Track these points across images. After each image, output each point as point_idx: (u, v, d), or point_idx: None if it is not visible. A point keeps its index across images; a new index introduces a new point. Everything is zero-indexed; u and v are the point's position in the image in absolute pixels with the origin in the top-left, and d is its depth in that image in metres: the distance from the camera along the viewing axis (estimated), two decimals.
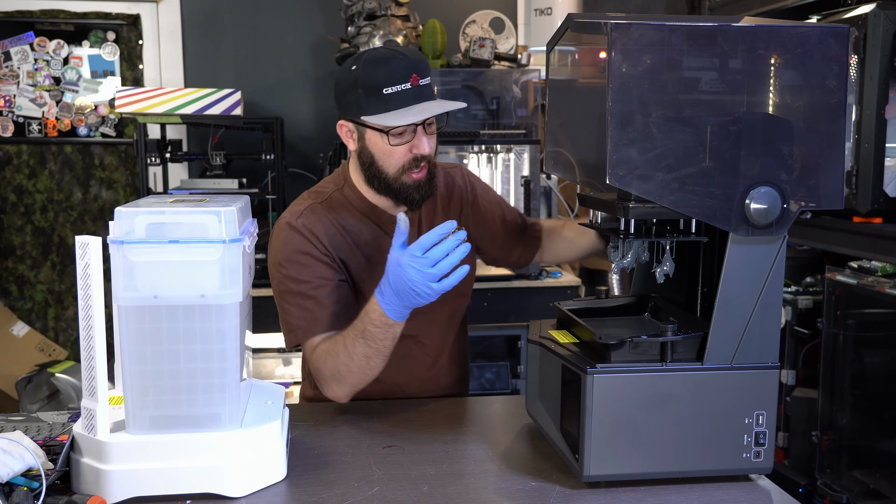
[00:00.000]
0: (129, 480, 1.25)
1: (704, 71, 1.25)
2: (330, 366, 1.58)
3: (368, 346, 1.53)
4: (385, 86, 1.56)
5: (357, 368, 1.56)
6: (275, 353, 3.71)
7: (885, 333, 2.74)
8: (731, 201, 1.25)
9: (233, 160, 3.64)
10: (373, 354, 1.54)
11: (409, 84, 1.57)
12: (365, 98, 1.57)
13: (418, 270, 1.42)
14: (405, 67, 1.57)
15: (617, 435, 1.29)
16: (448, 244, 1.41)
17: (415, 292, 1.43)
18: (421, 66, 1.60)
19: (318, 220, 1.68)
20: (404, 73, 1.56)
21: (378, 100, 1.57)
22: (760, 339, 1.31)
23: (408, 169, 1.63)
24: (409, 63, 1.58)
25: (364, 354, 1.54)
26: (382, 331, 1.51)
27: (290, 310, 1.67)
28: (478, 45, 3.55)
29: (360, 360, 1.55)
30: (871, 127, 2.36)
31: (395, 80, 1.56)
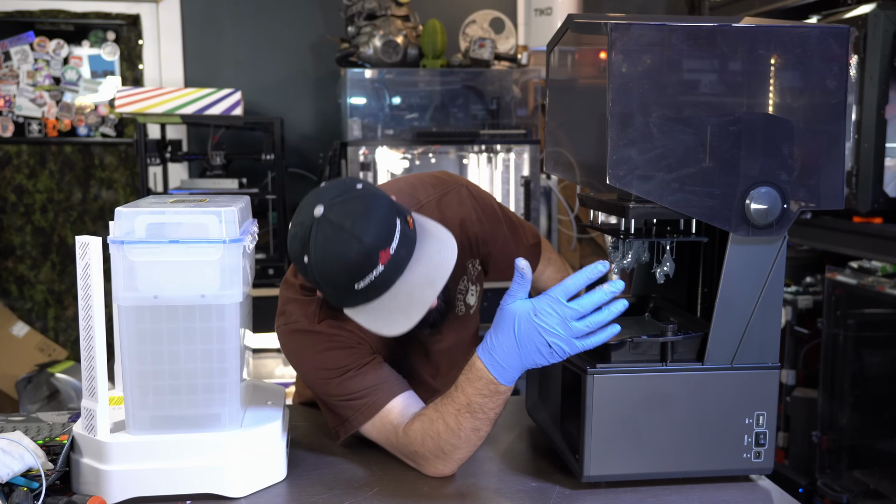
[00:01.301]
0: (129, 480, 1.25)
1: (704, 71, 1.25)
2: (430, 446, 1.35)
3: (476, 419, 1.30)
4: (353, 282, 1.24)
5: (465, 443, 1.33)
6: (275, 353, 3.71)
7: (885, 333, 2.74)
8: (731, 201, 1.24)
9: (233, 160, 3.64)
10: (482, 426, 1.32)
11: (381, 267, 1.23)
12: (337, 294, 1.29)
13: (562, 320, 1.20)
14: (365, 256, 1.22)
15: (617, 435, 1.29)
16: (601, 295, 1.20)
17: (548, 348, 1.21)
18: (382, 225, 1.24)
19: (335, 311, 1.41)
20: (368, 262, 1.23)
21: (354, 294, 1.26)
22: (760, 340, 1.31)
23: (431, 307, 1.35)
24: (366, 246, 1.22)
25: (472, 428, 1.31)
26: (491, 399, 1.28)
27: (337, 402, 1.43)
28: (478, 45, 3.55)
29: (468, 434, 1.32)
30: (871, 127, 2.36)
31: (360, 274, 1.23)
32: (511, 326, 1.23)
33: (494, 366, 1.25)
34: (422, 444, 1.35)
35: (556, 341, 1.20)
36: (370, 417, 1.41)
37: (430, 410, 1.36)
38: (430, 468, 1.38)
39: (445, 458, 1.35)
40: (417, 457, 1.38)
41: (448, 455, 1.35)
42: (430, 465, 1.37)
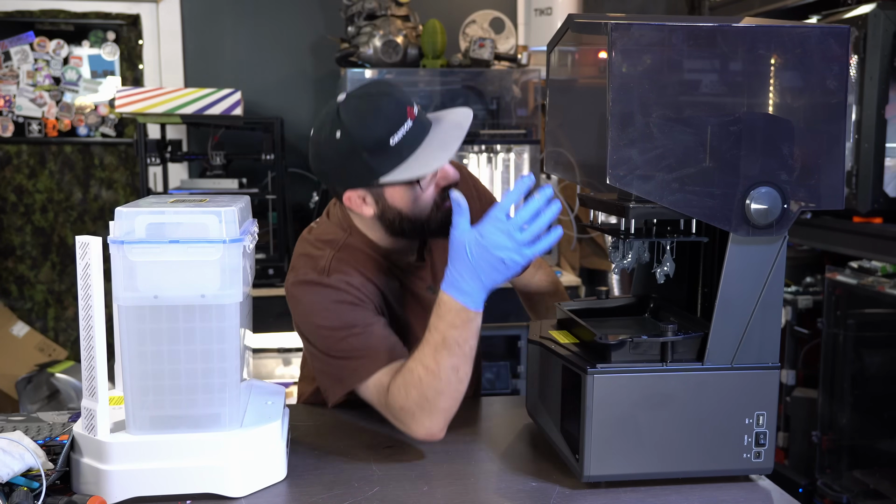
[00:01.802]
0: (129, 480, 1.25)
1: (705, 71, 1.25)
2: (415, 396, 1.36)
3: (453, 355, 1.34)
4: (388, 135, 1.37)
5: (446, 387, 1.35)
6: (275, 353, 3.71)
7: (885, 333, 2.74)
8: (731, 201, 1.24)
9: (233, 160, 3.64)
10: (460, 363, 1.35)
11: (409, 122, 1.38)
12: (373, 160, 1.38)
13: (507, 234, 1.27)
14: (396, 106, 1.38)
15: (617, 435, 1.29)
16: (535, 203, 1.28)
17: (502, 263, 1.28)
18: (403, 94, 1.42)
19: (349, 270, 1.48)
20: (399, 113, 1.38)
21: (389, 155, 1.38)
22: (761, 339, 1.31)
23: (440, 204, 1.47)
24: (395, 100, 1.39)
25: (451, 367, 1.34)
26: (464, 329, 1.33)
27: (336, 361, 1.45)
28: (478, 45, 3.55)
29: (448, 374, 1.34)
30: (871, 127, 2.36)
31: (394, 125, 1.37)
32: (464, 253, 1.30)
33: (459, 294, 1.32)
34: (406, 397, 1.37)
35: (508, 254, 1.28)
36: (365, 378, 1.42)
37: (410, 361, 1.39)
38: (417, 426, 1.38)
39: (431, 408, 1.36)
40: (405, 414, 1.38)
41: (432, 404, 1.35)
42: (418, 423, 1.37)
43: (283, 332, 3.52)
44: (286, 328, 3.45)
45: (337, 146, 1.39)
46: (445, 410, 1.37)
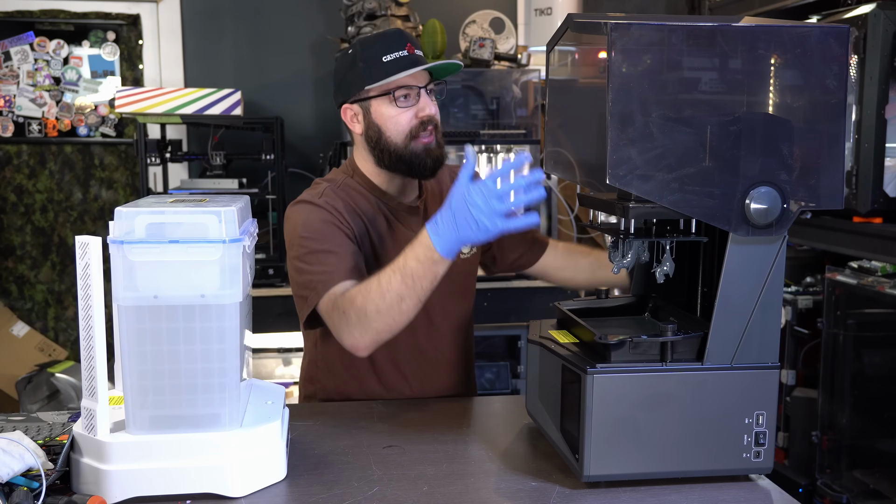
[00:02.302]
0: (129, 480, 1.25)
1: (704, 71, 1.25)
2: (358, 305, 1.47)
3: (405, 284, 1.43)
4: (383, 54, 1.62)
5: (386, 309, 1.45)
6: (275, 353, 3.71)
7: (885, 333, 2.74)
8: (731, 201, 1.24)
9: (233, 160, 3.64)
10: (407, 295, 1.44)
11: (405, 51, 1.63)
12: (366, 69, 1.63)
13: (486, 200, 1.35)
14: (399, 37, 1.65)
15: (617, 435, 1.29)
16: (519, 180, 1.35)
17: (475, 223, 1.36)
18: (414, 39, 1.67)
19: (339, 199, 1.68)
20: (399, 42, 1.64)
21: (379, 68, 1.62)
22: (760, 339, 1.31)
23: (416, 134, 1.65)
24: (403, 35, 1.66)
25: (398, 294, 1.43)
26: (425, 267, 1.42)
27: (307, 269, 1.60)
28: (478, 45, 3.55)
29: (393, 299, 1.44)
30: (871, 127, 2.36)
31: (391, 48, 1.62)
32: (450, 203, 1.40)
33: (434, 233, 1.41)
34: (351, 304, 1.48)
35: (481, 217, 1.36)
36: (330, 287, 1.55)
37: (370, 277, 1.51)
38: (348, 335, 1.50)
39: (365, 324, 1.47)
40: (343, 319, 1.49)
41: (368, 320, 1.46)
42: (349, 332, 1.49)
43: (283, 332, 3.52)
44: (286, 328, 3.45)
45: (343, 59, 1.68)
46: (377, 332, 1.48)
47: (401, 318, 1.47)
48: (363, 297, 1.48)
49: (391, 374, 1.78)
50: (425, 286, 1.45)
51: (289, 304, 3.53)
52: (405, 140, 1.66)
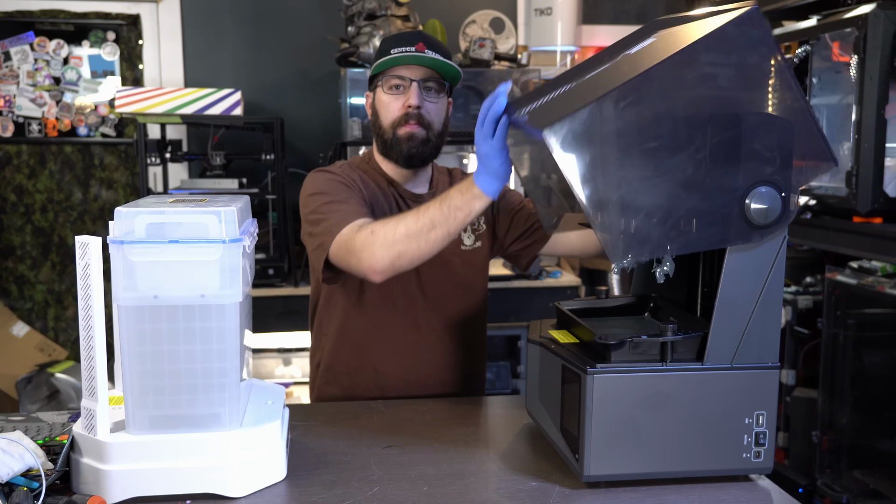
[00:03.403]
0: (129, 480, 1.25)
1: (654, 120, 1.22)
2: (389, 226, 1.53)
3: (440, 211, 1.49)
4: (395, 47, 1.75)
5: (416, 233, 1.50)
6: (275, 353, 3.72)
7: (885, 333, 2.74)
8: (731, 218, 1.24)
9: (233, 160, 3.64)
10: (440, 223, 1.49)
11: (413, 48, 1.73)
12: (377, 58, 1.77)
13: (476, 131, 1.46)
14: (414, 36, 1.76)
15: (617, 435, 1.29)
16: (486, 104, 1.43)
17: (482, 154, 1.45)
18: (431, 41, 1.76)
19: (354, 173, 1.79)
20: (412, 39, 1.75)
21: (386, 58, 1.74)
22: (760, 339, 1.31)
23: (400, 123, 1.75)
24: (420, 35, 1.77)
25: (432, 220, 1.50)
26: (464, 198, 1.48)
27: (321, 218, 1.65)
28: (478, 45, 3.55)
29: (425, 224, 1.50)
30: (871, 127, 2.36)
31: (403, 42, 1.75)
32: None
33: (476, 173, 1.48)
34: (383, 225, 1.54)
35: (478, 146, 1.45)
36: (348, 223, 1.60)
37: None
38: (369, 254, 1.53)
39: (391, 243, 1.51)
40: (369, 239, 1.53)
41: (396, 240, 1.51)
42: (371, 251, 1.52)
43: (283, 332, 3.53)
44: (286, 328, 3.46)
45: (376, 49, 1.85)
46: (399, 254, 1.51)
47: (426, 246, 1.51)
48: (397, 220, 1.54)
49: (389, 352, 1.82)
50: (459, 218, 1.49)
51: (289, 304, 3.55)
52: (389, 126, 1.77)
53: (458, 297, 1.86)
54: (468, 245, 1.87)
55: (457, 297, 1.85)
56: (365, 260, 1.53)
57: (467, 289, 1.88)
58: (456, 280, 1.84)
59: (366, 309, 1.80)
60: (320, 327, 1.88)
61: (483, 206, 1.49)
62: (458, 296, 1.86)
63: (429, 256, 1.53)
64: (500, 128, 1.41)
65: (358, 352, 1.82)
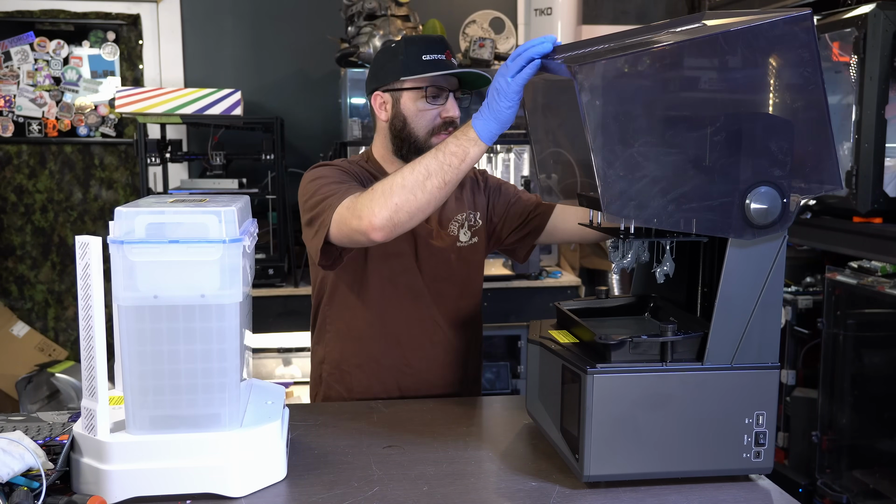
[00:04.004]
0: (129, 480, 1.25)
1: (679, 89, 1.23)
2: (385, 182, 1.53)
3: (436, 159, 1.49)
4: (424, 53, 1.73)
5: (411, 183, 1.49)
6: (275, 353, 3.71)
7: (885, 333, 2.74)
8: (730, 208, 1.24)
9: (233, 160, 3.64)
10: (435, 172, 1.48)
11: (443, 56, 1.74)
12: (406, 62, 1.74)
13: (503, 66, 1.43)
14: (441, 43, 1.77)
15: (617, 435, 1.29)
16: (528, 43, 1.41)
17: (495, 89, 1.43)
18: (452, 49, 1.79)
19: (353, 166, 1.80)
20: (440, 47, 1.76)
21: (417, 63, 1.73)
22: (760, 339, 1.31)
23: (436, 132, 1.75)
24: (445, 42, 1.78)
25: (427, 169, 1.49)
26: (460, 143, 1.48)
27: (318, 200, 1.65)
28: (478, 45, 3.55)
29: (421, 174, 1.49)
30: (871, 127, 2.36)
31: (432, 49, 1.74)
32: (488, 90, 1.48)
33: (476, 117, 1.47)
34: (380, 183, 1.54)
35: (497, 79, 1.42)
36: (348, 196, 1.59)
37: None
38: (367, 211, 1.51)
39: (388, 196, 1.50)
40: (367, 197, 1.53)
41: (392, 193, 1.50)
42: (369, 208, 1.51)
43: (283, 332, 3.52)
44: (286, 328, 3.46)
45: (387, 49, 1.79)
46: (396, 207, 1.49)
47: (423, 196, 1.49)
48: (393, 175, 1.54)
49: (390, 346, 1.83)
50: (454, 164, 1.48)
51: (289, 304, 3.55)
52: (426, 135, 1.76)
53: (457, 293, 1.87)
54: (464, 242, 1.88)
55: (456, 292, 1.87)
56: (365, 217, 1.51)
57: (465, 285, 1.89)
58: (455, 276, 1.86)
59: (369, 305, 1.81)
60: (323, 324, 1.88)
61: (478, 152, 1.48)
62: (457, 292, 1.88)
63: (428, 209, 1.51)
64: (527, 69, 1.38)
65: (361, 347, 1.83)
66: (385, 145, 1.83)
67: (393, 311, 1.81)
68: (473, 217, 1.91)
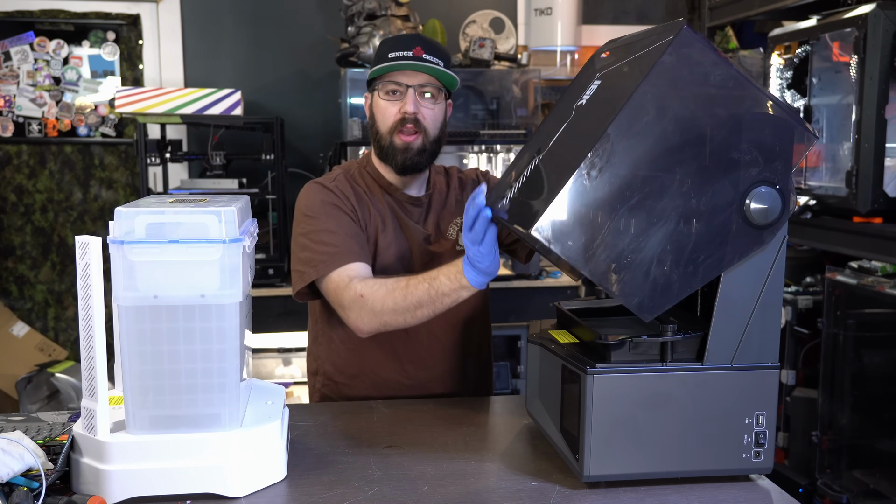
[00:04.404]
0: (129, 480, 1.25)
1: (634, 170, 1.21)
2: (378, 297, 1.58)
3: (428, 295, 1.53)
4: (392, 50, 1.74)
5: (403, 310, 1.56)
6: (275, 353, 3.71)
7: (885, 333, 2.74)
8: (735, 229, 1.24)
9: (233, 160, 3.64)
10: (426, 304, 1.54)
11: (411, 52, 1.73)
12: (375, 61, 1.77)
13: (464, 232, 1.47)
14: (412, 39, 1.76)
15: (617, 435, 1.29)
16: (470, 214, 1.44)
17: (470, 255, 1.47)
18: (430, 45, 1.76)
19: (349, 186, 1.80)
20: (410, 43, 1.74)
21: (384, 62, 1.74)
22: (760, 339, 1.31)
23: (396, 129, 1.75)
24: (418, 38, 1.77)
25: (419, 300, 1.54)
26: (452, 285, 1.51)
27: (310, 246, 1.70)
28: (478, 45, 3.55)
29: (413, 303, 1.54)
30: (871, 127, 2.36)
31: (400, 46, 1.74)
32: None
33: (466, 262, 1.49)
34: (372, 293, 1.59)
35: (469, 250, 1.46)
36: (332, 270, 1.66)
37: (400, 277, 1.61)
38: (356, 317, 1.61)
39: (379, 314, 1.58)
40: (358, 303, 1.60)
41: (383, 313, 1.58)
42: (358, 315, 1.60)
43: (283, 332, 3.52)
44: (286, 328, 3.45)
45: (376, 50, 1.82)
46: (385, 324, 1.60)
47: (412, 321, 1.58)
48: (386, 291, 1.58)
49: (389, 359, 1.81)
50: (446, 303, 1.54)
51: (289, 304, 3.55)
52: (387, 133, 1.77)
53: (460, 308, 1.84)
54: (461, 246, 1.85)
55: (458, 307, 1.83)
56: (353, 320, 1.62)
57: None
58: None
59: None
60: (318, 335, 1.86)
61: (469, 294, 1.52)
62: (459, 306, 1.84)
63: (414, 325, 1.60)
64: (489, 234, 1.42)
65: (358, 359, 1.81)
66: (374, 148, 1.84)
67: None
68: None
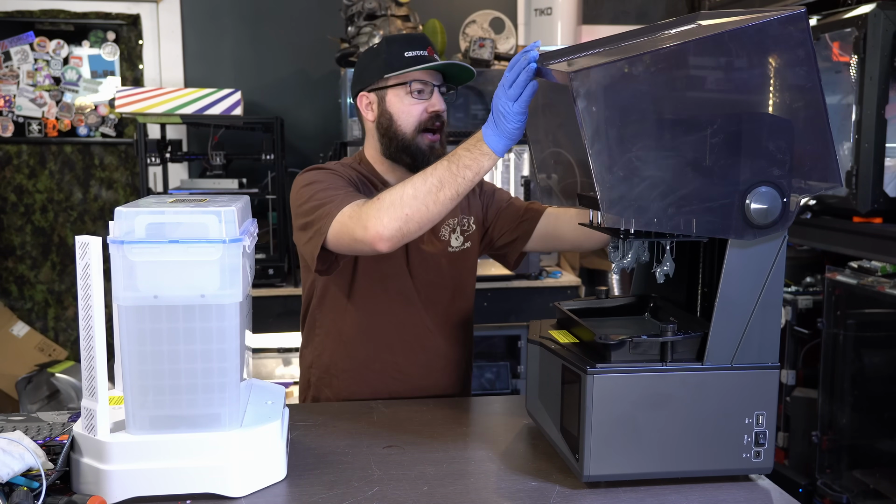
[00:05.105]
0: (129, 480, 1.25)
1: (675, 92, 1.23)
2: (395, 191, 1.51)
3: (449, 170, 1.48)
4: (406, 50, 1.74)
5: (424, 193, 1.48)
6: (275, 353, 3.71)
7: (885, 333, 2.74)
8: (731, 210, 1.24)
9: (233, 160, 3.64)
10: (447, 182, 1.47)
11: (426, 52, 1.75)
12: (388, 60, 1.74)
13: (500, 89, 1.45)
14: (423, 39, 1.77)
15: (617, 435, 1.29)
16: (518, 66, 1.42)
17: (499, 111, 1.44)
18: (435, 46, 1.80)
19: (347, 170, 1.78)
20: (422, 43, 1.76)
21: (400, 61, 1.73)
22: (760, 339, 1.31)
23: (424, 128, 1.76)
24: (427, 39, 1.79)
25: (440, 179, 1.48)
26: (472, 155, 1.47)
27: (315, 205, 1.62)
28: (478, 45, 3.55)
29: (433, 184, 1.48)
30: (871, 127, 2.36)
31: (414, 46, 1.75)
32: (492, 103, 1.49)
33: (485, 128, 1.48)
34: (388, 192, 1.51)
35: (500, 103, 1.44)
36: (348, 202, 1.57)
37: None
38: (376, 221, 1.49)
39: (398, 206, 1.48)
40: (374, 206, 1.51)
41: (403, 203, 1.48)
42: (377, 218, 1.49)
43: (283, 332, 3.52)
44: (286, 328, 3.45)
45: (370, 50, 1.80)
46: (406, 218, 1.48)
47: (434, 207, 1.48)
48: (403, 184, 1.51)
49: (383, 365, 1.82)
50: (467, 177, 1.48)
51: (289, 304, 3.55)
52: (413, 132, 1.75)
53: (449, 298, 1.86)
54: (456, 247, 1.86)
55: (447, 297, 1.86)
56: (371, 227, 1.49)
57: (458, 289, 1.88)
58: (447, 281, 1.85)
59: (358, 309, 1.80)
60: (312, 328, 1.87)
61: (491, 164, 1.48)
62: (449, 297, 1.86)
63: (437, 219, 1.50)
64: (526, 91, 1.40)
65: (350, 353, 1.82)
66: (374, 146, 1.83)
67: (383, 315, 1.80)
68: (467, 221, 1.90)
